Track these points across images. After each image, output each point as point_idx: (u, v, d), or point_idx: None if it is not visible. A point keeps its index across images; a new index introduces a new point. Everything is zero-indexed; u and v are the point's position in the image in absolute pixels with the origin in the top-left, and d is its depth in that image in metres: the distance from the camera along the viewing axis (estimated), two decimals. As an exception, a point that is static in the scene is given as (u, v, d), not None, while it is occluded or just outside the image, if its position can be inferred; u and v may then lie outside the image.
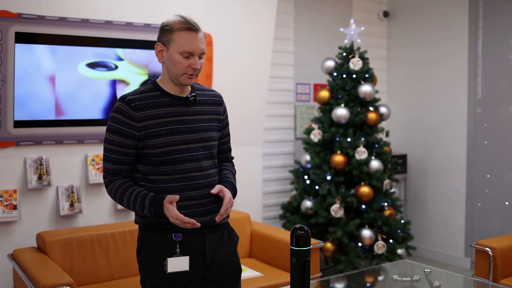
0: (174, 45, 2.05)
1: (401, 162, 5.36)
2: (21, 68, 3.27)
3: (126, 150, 2.07)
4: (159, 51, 2.11)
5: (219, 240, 2.20)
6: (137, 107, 2.06)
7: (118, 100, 2.10)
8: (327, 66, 4.65)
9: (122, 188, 2.10)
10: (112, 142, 2.07)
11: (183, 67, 2.06)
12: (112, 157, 2.09)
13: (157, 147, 2.07)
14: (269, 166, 4.88)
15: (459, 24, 5.04)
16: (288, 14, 4.98)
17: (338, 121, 4.42)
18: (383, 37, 5.72)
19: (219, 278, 2.19)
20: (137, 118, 2.05)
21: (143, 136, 2.06)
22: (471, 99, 4.97)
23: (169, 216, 2.04)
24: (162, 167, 2.09)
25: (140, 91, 2.12)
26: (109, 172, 2.12)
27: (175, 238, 2.10)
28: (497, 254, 3.37)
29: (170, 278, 2.09)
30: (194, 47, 2.05)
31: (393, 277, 2.66)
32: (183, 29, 2.05)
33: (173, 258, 2.08)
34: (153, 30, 3.71)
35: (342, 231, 4.22)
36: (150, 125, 2.06)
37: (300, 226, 2.13)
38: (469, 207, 5.02)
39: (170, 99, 2.12)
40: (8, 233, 3.36)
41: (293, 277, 2.15)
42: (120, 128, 2.05)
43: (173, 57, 2.06)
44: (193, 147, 2.11)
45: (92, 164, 3.61)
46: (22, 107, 3.31)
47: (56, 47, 3.37)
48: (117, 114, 2.07)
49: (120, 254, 3.41)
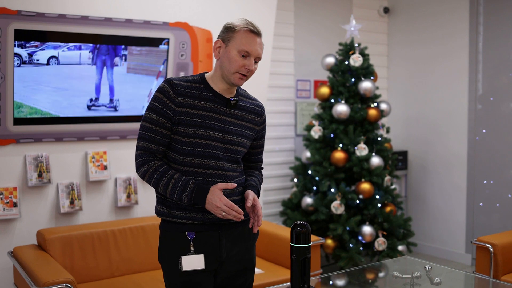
0: (234, 43, 2.08)
1: (402, 158, 5.36)
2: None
3: (163, 131, 2.09)
4: (217, 47, 2.14)
5: (239, 235, 2.20)
6: (179, 92, 2.08)
7: (163, 81, 2.12)
8: (327, 62, 4.64)
9: (161, 169, 2.09)
10: (151, 121, 2.09)
11: (237, 65, 2.08)
12: (149, 136, 2.09)
13: (186, 135, 2.08)
14: (269, 163, 4.88)
15: (460, 20, 5.03)
16: (288, 10, 4.97)
17: (339, 117, 4.41)
18: (383, 34, 5.71)
19: (231, 273, 2.20)
20: (177, 102, 2.07)
21: (178, 121, 2.08)
22: (472, 95, 4.96)
23: (213, 203, 2.03)
24: (186, 158, 2.10)
25: (186, 79, 2.15)
26: (145, 150, 2.11)
27: (188, 236, 2.10)
28: (498, 250, 3.37)
29: (186, 276, 2.10)
30: (253, 49, 2.08)
31: (394, 274, 2.65)
32: (246, 30, 2.09)
33: (188, 256, 2.09)
34: (153, 27, 3.70)
35: (343, 228, 4.22)
36: (186, 112, 2.08)
37: (300, 223, 2.13)
38: (469, 203, 5.01)
39: (213, 96, 2.13)
40: (8, 231, 3.36)
41: (294, 274, 2.15)
42: (161, 108, 2.07)
43: (230, 54, 2.08)
44: (220, 146, 2.12)
45: (92, 162, 3.60)
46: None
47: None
48: (160, 94, 2.09)
49: (120, 252, 3.41)
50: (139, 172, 2.14)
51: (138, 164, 2.13)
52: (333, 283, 2.89)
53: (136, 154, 2.14)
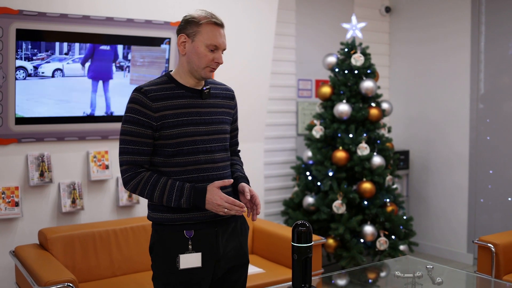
0: (201, 37, 2.07)
1: (403, 158, 5.35)
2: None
3: (146, 140, 2.07)
4: (182, 42, 2.12)
5: (232, 231, 2.20)
6: (154, 97, 2.06)
7: (133, 91, 2.09)
8: (328, 62, 4.64)
9: (152, 179, 2.06)
10: (131, 133, 2.06)
11: (207, 60, 2.08)
12: (133, 149, 2.06)
13: (172, 137, 2.07)
14: (271, 163, 4.88)
15: (462, 20, 5.02)
16: (289, 9, 4.97)
17: (340, 117, 4.41)
18: (385, 33, 5.71)
19: (226, 270, 2.20)
20: (154, 108, 2.05)
21: (160, 127, 2.06)
22: (474, 94, 4.96)
23: (213, 202, 2.03)
24: (176, 158, 2.09)
25: (155, 82, 2.13)
26: (131, 164, 2.07)
27: (186, 235, 2.09)
28: (500, 250, 3.36)
29: (183, 274, 2.09)
30: (220, 41, 2.09)
31: (395, 273, 2.65)
32: (211, 23, 2.08)
33: (185, 255, 2.08)
34: (154, 26, 3.70)
35: (344, 227, 4.22)
36: (166, 115, 2.06)
37: (301, 223, 2.13)
38: (471, 203, 5.01)
39: (185, 91, 2.13)
40: (10, 230, 3.37)
41: (295, 273, 2.15)
42: (139, 118, 2.05)
43: (199, 49, 2.07)
44: (207, 139, 2.12)
45: (94, 161, 3.60)
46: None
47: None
48: (135, 104, 2.06)
49: (122, 251, 3.42)
50: (129, 187, 2.09)
51: (126, 179, 2.08)
52: (334, 283, 2.89)
53: (122, 170, 2.09)
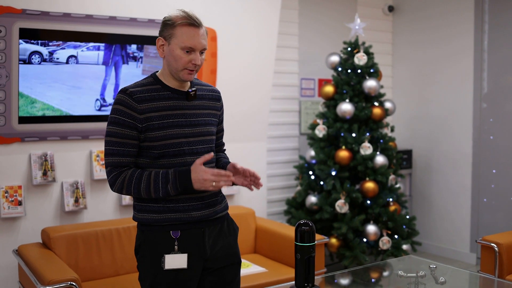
0: (176, 40, 2.05)
1: (406, 157, 5.35)
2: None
3: (131, 142, 2.06)
4: (160, 46, 2.11)
5: (219, 232, 2.19)
6: (139, 99, 2.05)
7: (119, 93, 2.08)
8: (331, 61, 4.63)
9: (136, 174, 2.05)
10: (116, 135, 2.05)
11: (184, 62, 2.06)
12: (118, 150, 2.06)
13: (157, 139, 2.06)
14: (273, 162, 4.87)
15: (465, 19, 5.01)
16: (292, 9, 4.96)
17: (343, 116, 4.40)
18: (388, 32, 5.70)
19: (218, 270, 2.19)
20: (139, 110, 2.05)
21: (145, 128, 2.05)
22: (477, 94, 4.95)
23: (199, 178, 2.00)
24: (162, 160, 2.08)
25: (140, 84, 2.12)
26: (115, 166, 2.07)
27: (173, 235, 2.09)
28: (503, 250, 3.36)
29: (170, 275, 2.08)
30: (196, 43, 2.05)
31: (398, 273, 2.65)
32: (185, 24, 2.04)
33: (171, 255, 2.07)
34: (157, 25, 3.69)
35: (347, 227, 4.21)
36: (152, 117, 2.06)
37: (304, 222, 2.13)
38: (474, 202, 5.00)
39: (171, 93, 2.12)
40: (13, 229, 3.37)
41: (298, 272, 2.15)
42: (124, 120, 2.04)
43: (174, 52, 2.05)
44: (192, 140, 2.12)
45: (97, 160, 3.61)
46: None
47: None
48: (120, 106, 2.05)
49: (124, 250, 3.42)
50: (115, 188, 2.08)
51: (111, 180, 2.08)
52: (337, 282, 2.89)
53: (107, 171, 2.09)
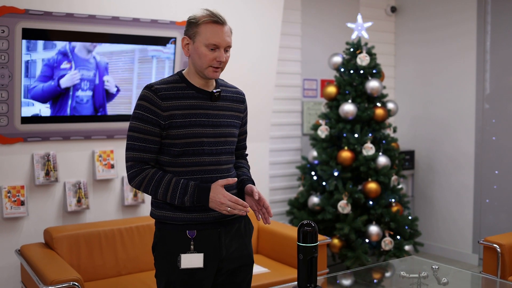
0: (200, 38, 2.07)
1: (409, 158, 5.34)
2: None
3: (153, 138, 2.07)
4: (186, 45, 2.13)
5: (236, 232, 2.20)
6: (163, 96, 2.07)
7: (144, 89, 2.10)
8: (334, 61, 4.63)
9: (157, 176, 2.07)
10: (139, 130, 2.07)
11: (208, 60, 2.07)
12: (139, 145, 2.07)
13: (179, 137, 2.07)
14: (276, 162, 4.87)
15: (468, 20, 5.00)
16: (295, 9, 4.96)
17: (346, 117, 4.40)
18: (390, 33, 5.69)
19: (231, 271, 2.19)
20: (163, 107, 2.05)
21: (167, 126, 2.06)
22: (480, 94, 4.94)
23: (217, 200, 2.01)
24: (182, 158, 2.09)
25: (166, 81, 2.13)
26: (137, 161, 2.08)
27: (189, 235, 2.09)
28: (505, 250, 3.35)
29: (185, 274, 2.08)
30: (220, 40, 2.07)
31: (401, 274, 2.64)
32: (209, 22, 2.07)
33: (187, 255, 2.08)
34: (160, 26, 3.70)
35: (349, 227, 4.21)
36: (175, 115, 2.07)
37: (307, 222, 2.13)
38: (477, 203, 4.99)
39: (196, 92, 2.13)
40: (15, 229, 3.38)
41: (300, 273, 2.15)
42: (148, 116, 2.05)
43: (199, 50, 2.07)
44: (213, 141, 2.12)
45: (99, 160, 3.61)
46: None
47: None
48: (144, 102, 2.07)
49: (127, 250, 3.42)
50: (133, 183, 2.10)
51: (131, 175, 2.09)
52: (339, 283, 2.88)
53: (127, 166, 2.10)
